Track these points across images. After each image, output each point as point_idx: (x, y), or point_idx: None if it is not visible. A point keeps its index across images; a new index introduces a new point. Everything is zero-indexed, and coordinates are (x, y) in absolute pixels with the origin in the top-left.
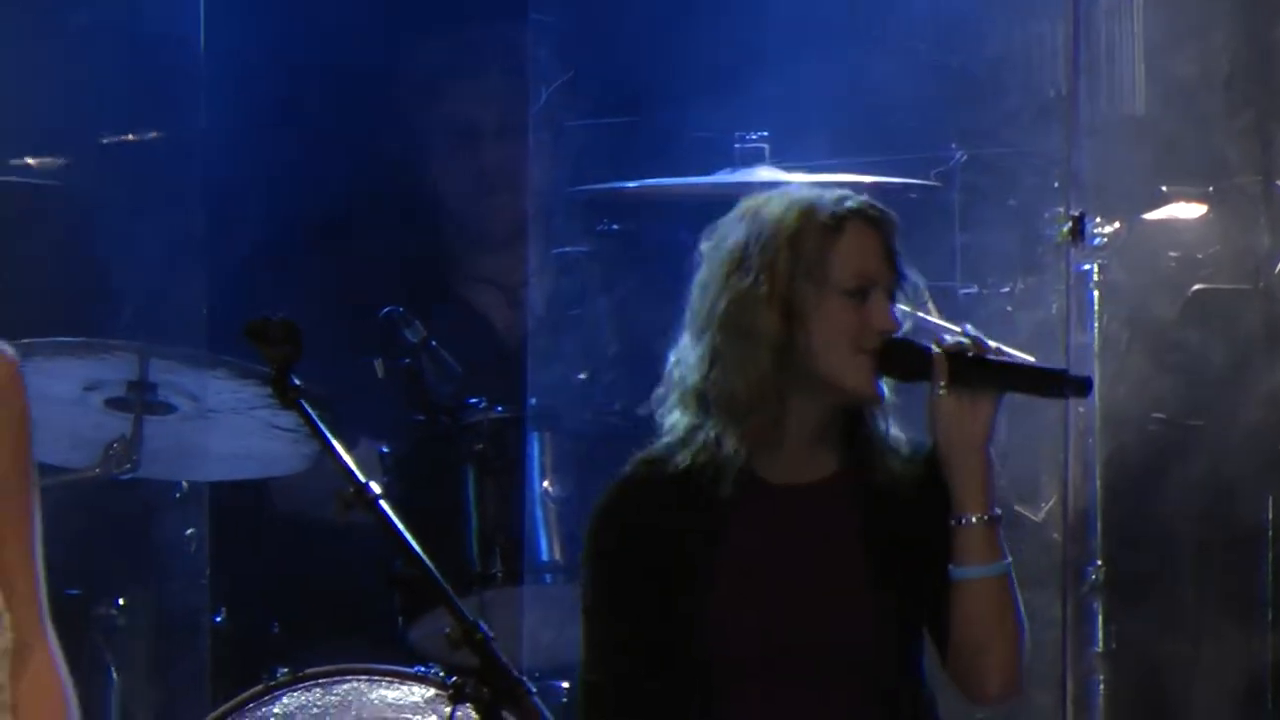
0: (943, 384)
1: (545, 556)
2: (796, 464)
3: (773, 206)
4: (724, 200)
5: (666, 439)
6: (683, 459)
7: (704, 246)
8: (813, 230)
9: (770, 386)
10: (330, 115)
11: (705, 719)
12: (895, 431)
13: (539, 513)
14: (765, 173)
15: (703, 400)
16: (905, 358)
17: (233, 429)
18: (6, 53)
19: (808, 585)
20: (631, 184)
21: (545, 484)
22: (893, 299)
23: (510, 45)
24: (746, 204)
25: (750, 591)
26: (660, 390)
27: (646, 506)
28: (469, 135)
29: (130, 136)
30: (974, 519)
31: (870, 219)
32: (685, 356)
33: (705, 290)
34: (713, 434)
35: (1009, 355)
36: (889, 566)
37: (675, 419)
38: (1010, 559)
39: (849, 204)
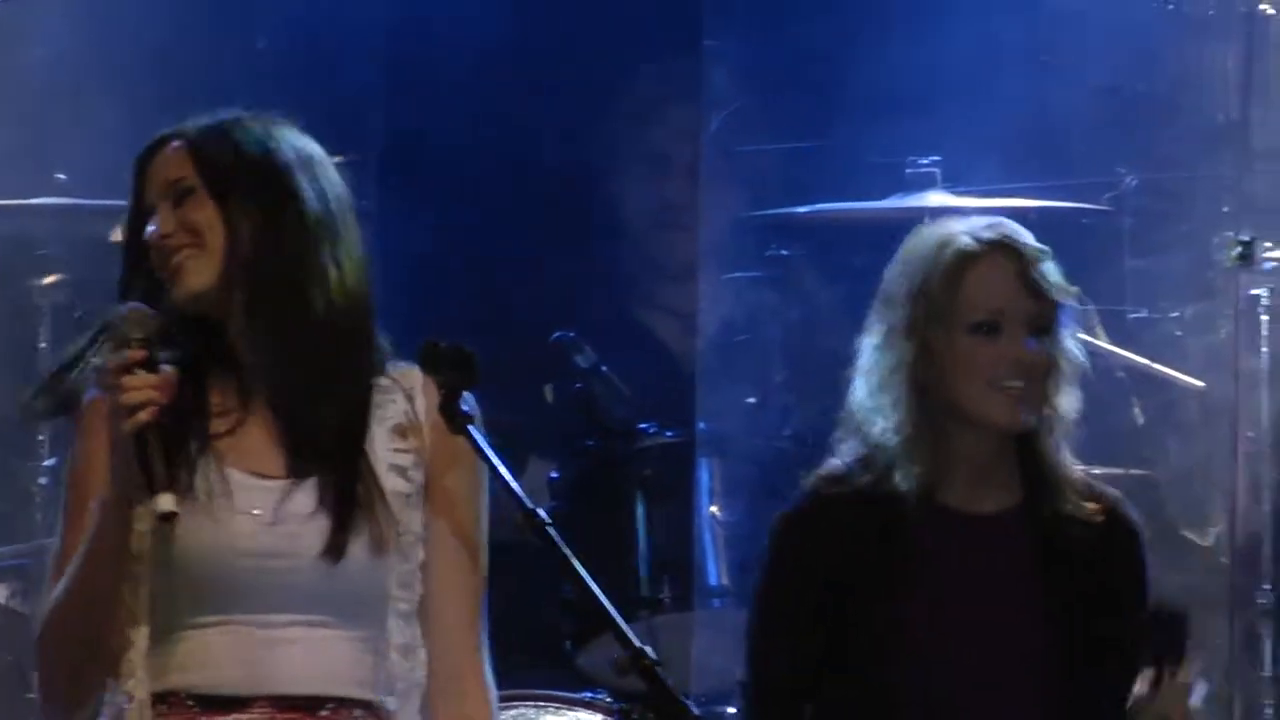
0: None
1: (714, 581)
2: (975, 491)
3: (916, 242)
4: (896, 224)
5: (847, 458)
6: (864, 480)
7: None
8: (943, 267)
9: (923, 423)
10: (507, 142)
11: None
12: (1072, 467)
13: (708, 538)
14: (936, 197)
15: (871, 428)
16: None
17: None
18: (194, 76)
19: (986, 615)
20: (803, 209)
21: (714, 509)
22: (1040, 329)
23: (686, 74)
24: (910, 236)
25: (931, 615)
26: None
27: (833, 522)
28: (646, 163)
29: None
30: None
31: (1006, 250)
32: (857, 381)
33: (868, 324)
34: (884, 462)
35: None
36: (1065, 605)
37: (851, 443)
38: None
39: (985, 236)
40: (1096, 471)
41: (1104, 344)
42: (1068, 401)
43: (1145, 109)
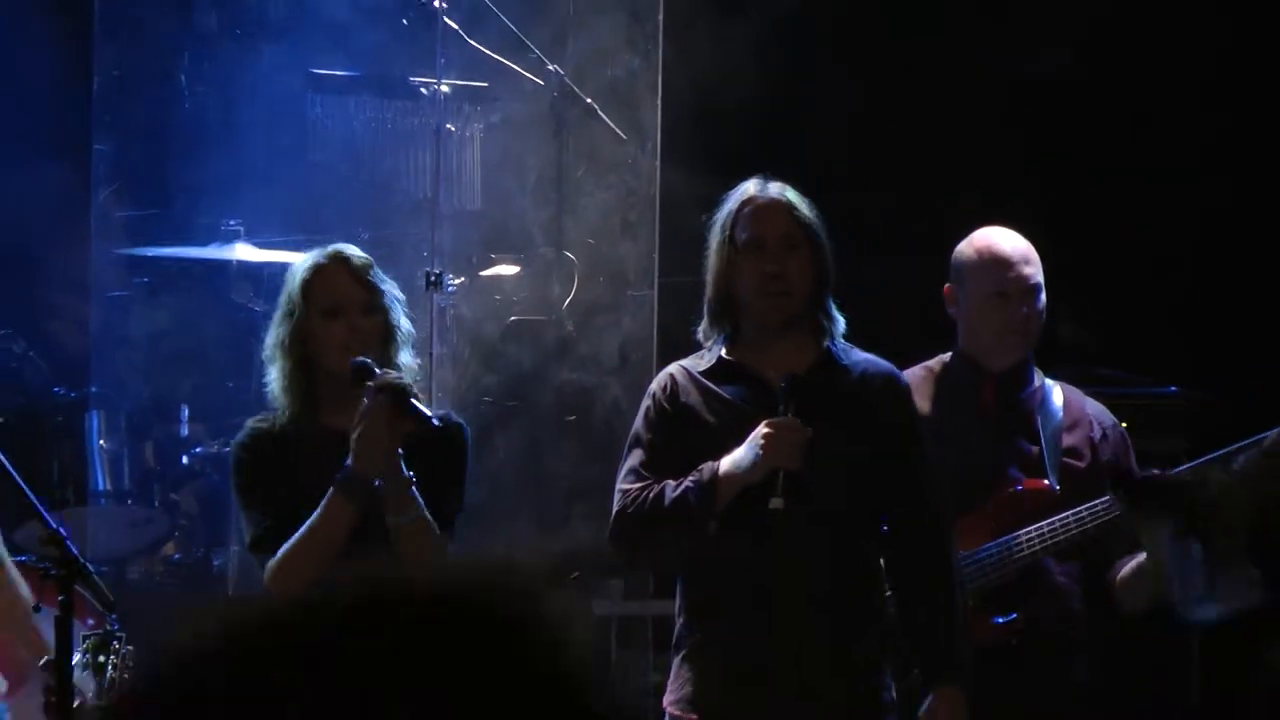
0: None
1: (100, 487)
2: (336, 419)
3: (294, 265)
4: (214, 264)
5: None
6: (277, 418)
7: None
8: (302, 276)
9: (299, 373)
10: None
11: None
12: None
13: (96, 459)
14: (241, 248)
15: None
16: (365, 373)
17: None
18: None
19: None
20: (154, 252)
21: (101, 441)
22: (375, 309)
23: (80, 164)
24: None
25: (305, 497)
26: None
27: (260, 439)
28: (58, 224)
29: None
30: (390, 483)
31: (339, 260)
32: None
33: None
34: (282, 400)
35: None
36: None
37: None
38: (420, 509)
39: (327, 251)
40: None
41: None
42: (405, 357)
43: (374, 189)
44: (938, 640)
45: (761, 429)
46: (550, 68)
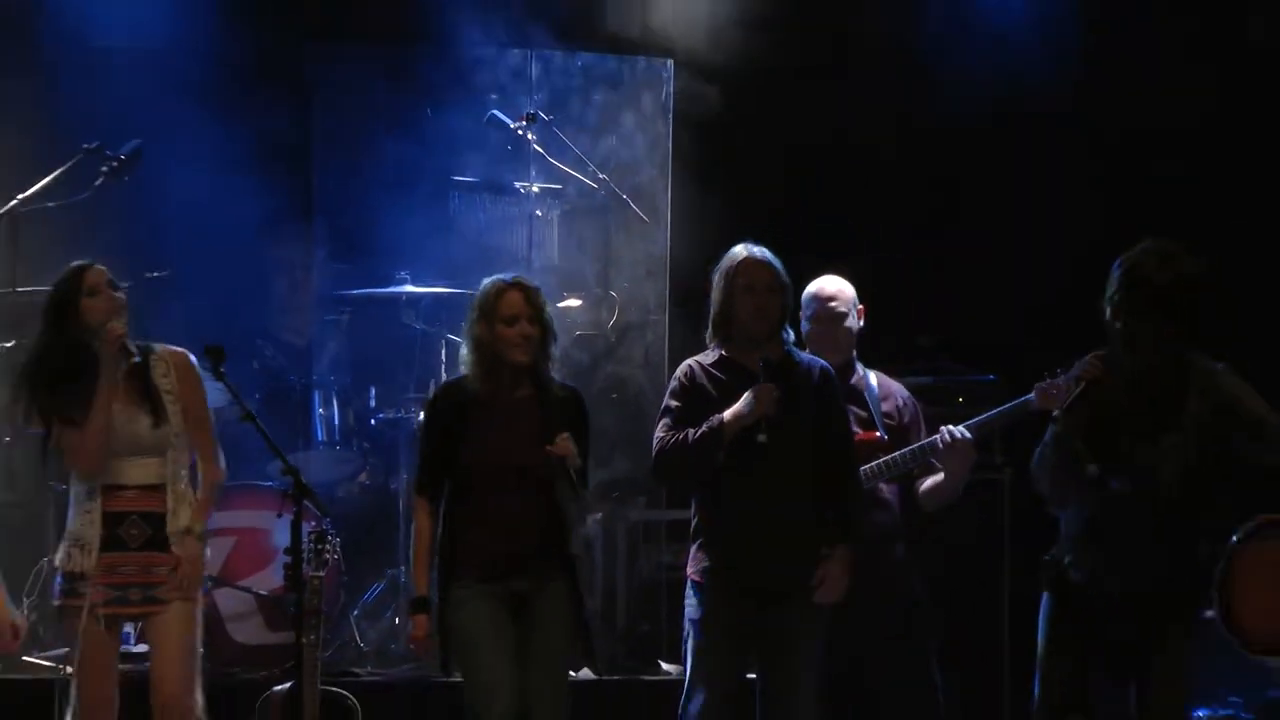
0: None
1: (320, 439)
2: (509, 388)
3: (483, 286)
4: (396, 296)
5: (459, 375)
6: (467, 382)
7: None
8: (491, 294)
9: (486, 358)
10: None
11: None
12: (555, 375)
13: (318, 422)
14: (409, 287)
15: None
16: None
17: None
18: None
19: (518, 443)
20: (355, 291)
21: (320, 410)
22: (533, 319)
23: (300, 229)
24: (485, 283)
25: (491, 443)
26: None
27: (447, 399)
28: (290, 272)
29: None
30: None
31: (517, 286)
32: (467, 343)
33: (467, 320)
34: (471, 374)
35: None
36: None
37: (463, 369)
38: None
39: (507, 279)
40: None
41: None
42: (553, 350)
43: (490, 251)
44: (843, 519)
45: (749, 392)
46: (601, 176)
